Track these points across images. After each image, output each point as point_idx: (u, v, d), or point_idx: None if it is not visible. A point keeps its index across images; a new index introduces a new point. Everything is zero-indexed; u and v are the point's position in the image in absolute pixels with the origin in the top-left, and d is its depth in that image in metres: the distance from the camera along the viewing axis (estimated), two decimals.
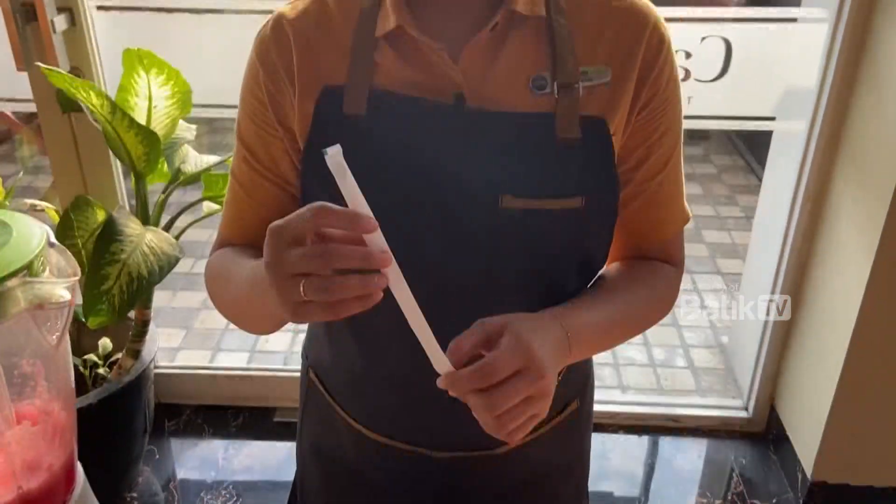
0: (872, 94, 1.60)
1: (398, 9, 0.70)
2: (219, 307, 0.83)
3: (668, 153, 0.77)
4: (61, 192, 1.86)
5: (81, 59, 1.69)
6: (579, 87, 0.71)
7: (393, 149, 0.71)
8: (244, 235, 0.82)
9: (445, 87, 0.71)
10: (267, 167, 0.78)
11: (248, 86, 0.76)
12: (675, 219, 0.82)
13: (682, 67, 1.71)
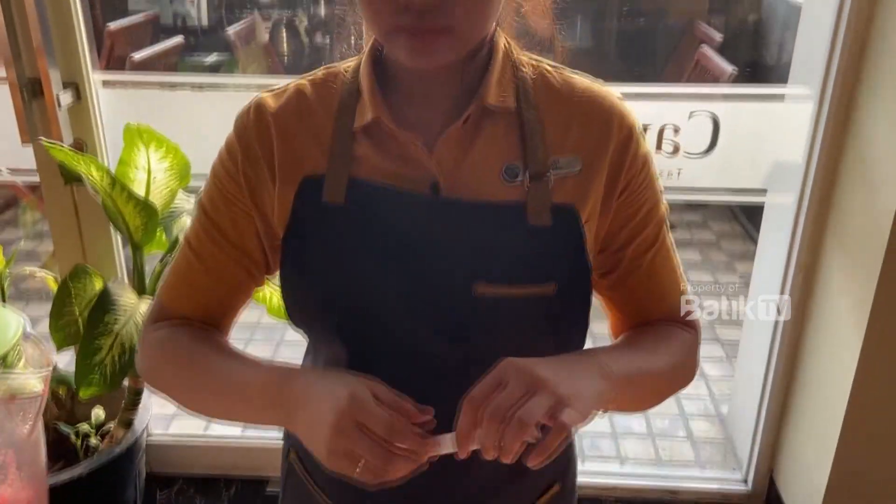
0: (857, 169, 1.62)
1: (375, 102, 0.72)
2: (159, 382, 0.81)
3: (656, 229, 0.79)
4: (61, 260, 1.89)
5: (85, 132, 1.73)
6: (550, 177, 0.73)
7: (372, 237, 0.73)
8: (192, 307, 0.81)
9: (421, 177, 0.73)
10: (232, 244, 0.78)
11: (225, 165, 0.77)
12: (673, 291, 0.83)
13: (671, 141, 1.75)
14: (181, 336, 0.79)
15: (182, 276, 0.81)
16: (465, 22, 0.65)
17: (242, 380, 0.73)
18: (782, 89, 1.83)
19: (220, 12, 3.86)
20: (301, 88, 0.77)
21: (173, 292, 0.82)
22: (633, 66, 3.92)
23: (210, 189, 0.79)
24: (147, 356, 0.82)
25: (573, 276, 0.75)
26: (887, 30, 1.51)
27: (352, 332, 0.75)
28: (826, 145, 1.67)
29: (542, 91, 0.75)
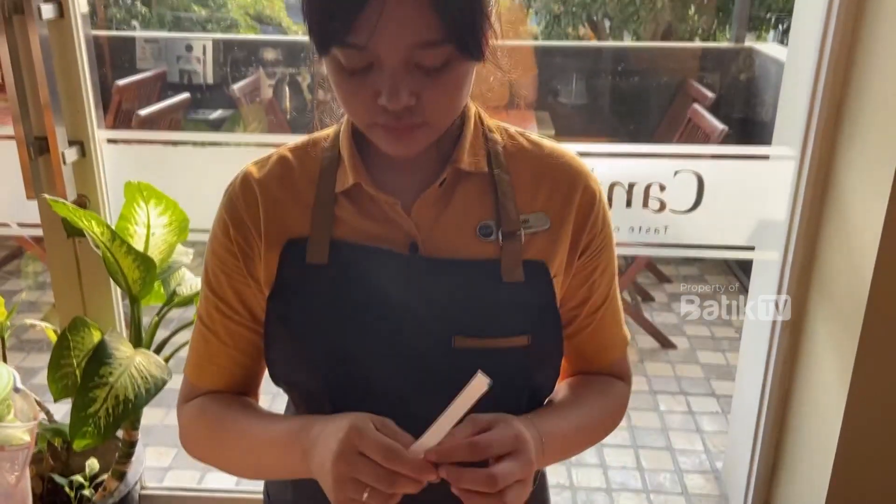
0: (838, 227, 1.67)
1: (355, 168, 0.77)
2: (200, 451, 0.85)
3: (608, 289, 0.85)
4: (61, 312, 1.92)
5: (89, 187, 1.79)
6: (521, 234, 0.78)
7: (354, 294, 0.77)
8: (217, 380, 0.85)
9: (400, 237, 0.77)
10: (240, 313, 0.82)
11: (219, 240, 0.82)
12: (618, 343, 0.89)
13: (657, 199, 1.80)
14: (212, 405, 0.84)
15: (202, 352, 0.86)
16: (439, 116, 0.71)
17: (268, 433, 0.77)
18: (766, 150, 1.88)
19: (225, 70, 3.98)
20: (284, 156, 0.82)
21: (197, 370, 0.86)
22: (628, 124, 4.01)
23: (210, 265, 0.84)
24: (186, 431, 0.86)
25: (545, 328, 0.79)
26: (863, 92, 1.57)
27: (335, 386, 0.79)
28: (808, 204, 1.72)
29: (511, 154, 0.81)
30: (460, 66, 0.69)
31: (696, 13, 7.13)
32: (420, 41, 0.65)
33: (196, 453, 0.86)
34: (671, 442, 2.61)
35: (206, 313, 0.84)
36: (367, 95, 0.68)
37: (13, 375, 0.71)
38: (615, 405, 0.88)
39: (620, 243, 1.87)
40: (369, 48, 0.65)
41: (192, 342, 0.87)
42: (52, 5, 1.63)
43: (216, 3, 7.90)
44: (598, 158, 1.80)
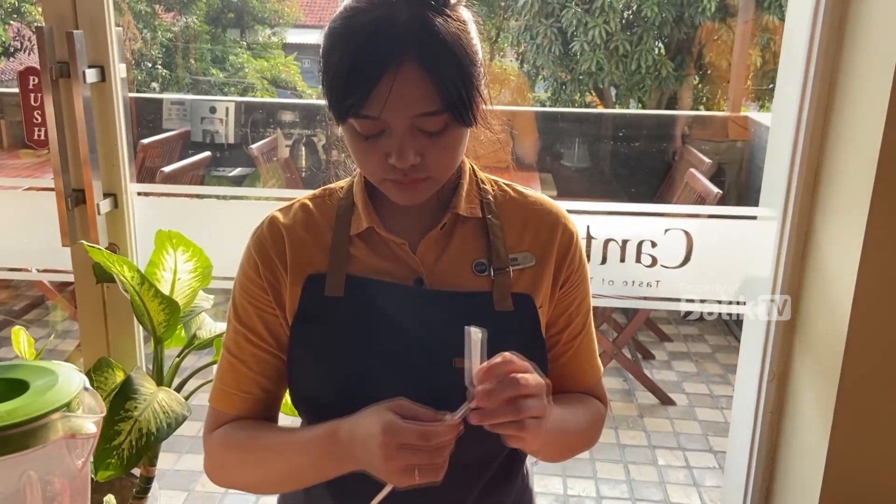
0: (817, 285, 1.77)
1: (368, 213, 0.91)
2: (228, 475, 0.94)
3: (584, 319, 0.98)
4: (86, 352, 2.03)
5: (119, 236, 1.92)
6: (510, 271, 0.91)
7: (368, 322, 0.89)
8: (242, 405, 0.95)
9: (407, 273, 0.90)
10: (267, 341, 0.94)
11: (249, 276, 0.94)
12: (593, 371, 1.01)
13: (649, 255, 1.92)
14: (236, 430, 0.94)
15: (229, 381, 0.95)
16: (440, 170, 0.86)
17: (298, 443, 0.87)
18: (753, 210, 2.01)
19: (245, 130, 4.18)
20: (305, 203, 0.96)
21: (225, 397, 0.96)
22: (628, 186, 4.16)
23: (239, 299, 0.95)
24: (212, 458, 0.95)
25: (532, 351, 0.91)
26: (837, 158, 1.70)
27: (349, 402, 0.89)
28: (790, 261, 1.83)
29: (501, 202, 0.95)
30: (456, 129, 0.83)
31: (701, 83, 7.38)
32: (423, 111, 0.79)
33: (222, 479, 0.95)
34: (669, 496, 2.67)
35: (234, 344, 0.95)
36: (379, 156, 0.82)
37: (83, 378, 0.82)
38: (596, 417, 0.99)
39: (615, 296, 1.98)
40: (381, 118, 0.79)
41: (219, 372, 0.97)
42: (95, 70, 1.79)
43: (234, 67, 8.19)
44: (594, 216, 1.93)
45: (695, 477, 2.79)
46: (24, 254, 2.09)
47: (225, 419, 0.96)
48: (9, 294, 4.10)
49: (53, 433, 0.74)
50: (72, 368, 0.83)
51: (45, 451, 0.72)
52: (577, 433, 0.95)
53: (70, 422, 0.75)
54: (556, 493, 2.64)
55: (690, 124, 4.27)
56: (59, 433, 0.74)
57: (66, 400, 0.76)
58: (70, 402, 0.77)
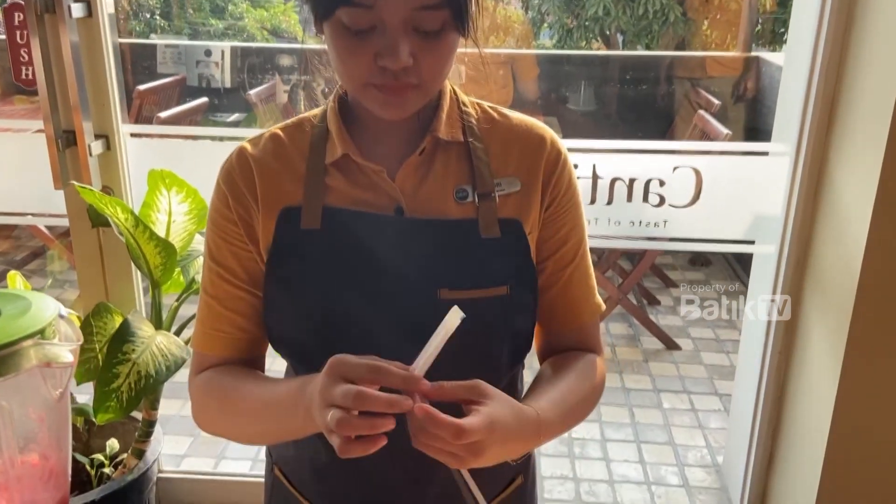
0: (830, 221, 1.73)
1: (343, 140, 0.86)
2: (210, 423, 0.90)
3: (575, 248, 0.92)
4: (85, 299, 2.01)
5: (112, 179, 1.88)
6: (495, 196, 0.86)
7: (346, 255, 0.85)
8: (225, 346, 0.90)
9: (386, 202, 0.86)
10: (241, 278, 0.89)
11: (219, 210, 0.88)
12: (588, 308, 0.95)
13: (657, 194, 1.86)
14: (219, 377, 0.89)
15: (208, 321, 0.91)
16: (432, 78, 0.79)
17: (271, 397, 0.82)
18: (764, 146, 1.95)
19: (242, 76, 4.08)
20: (275, 133, 0.90)
21: (205, 339, 0.92)
22: (635, 130, 4.08)
23: (211, 236, 0.90)
24: (196, 404, 0.92)
25: (523, 278, 0.88)
26: (855, 91, 1.64)
27: (329, 341, 0.85)
28: (802, 199, 1.78)
29: (484, 125, 0.89)
30: (452, 34, 0.77)
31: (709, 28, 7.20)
32: (423, 4, 0.73)
33: (206, 425, 0.91)
34: (673, 437, 2.66)
35: (209, 283, 0.90)
36: (367, 57, 0.76)
37: (59, 305, 0.79)
38: (596, 382, 0.93)
39: (621, 237, 1.94)
40: (375, 8, 0.73)
41: (198, 314, 0.92)
42: (81, 4, 1.72)
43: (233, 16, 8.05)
44: (600, 155, 1.87)
45: (700, 420, 2.78)
46: (19, 199, 2.05)
47: (208, 362, 0.92)
48: (10, 244, 4.08)
49: (26, 361, 0.70)
50: (46, 297, 0.79)
51: (17, 380, 0.69)
52: (577, 412, 0.90)
53: (44, 350, 0.71)
54: (560, 437, 2.63)
55: (699, 65, 4.16)
56: (32, 361, 0.70)
57: (40, 327, 0.73)
58: (44, 329, 0.73)
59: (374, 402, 0.67)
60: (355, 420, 0.67)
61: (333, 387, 0.68)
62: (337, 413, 0.67)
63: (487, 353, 0.88)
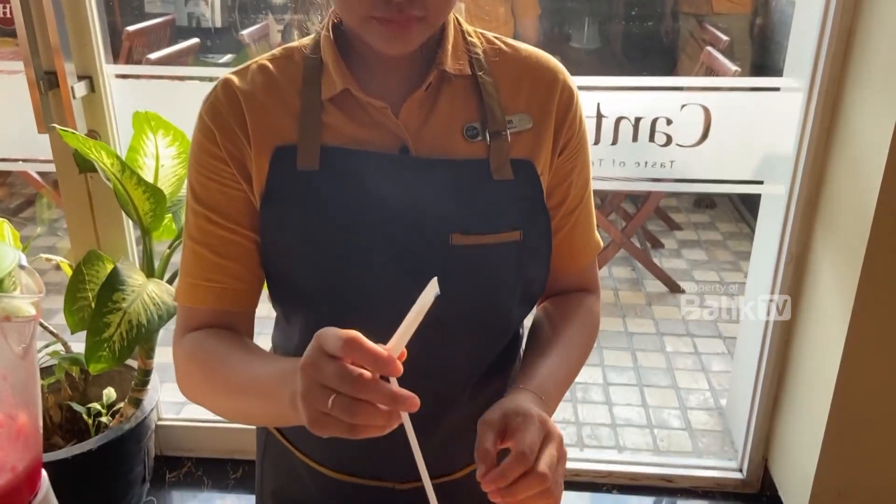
0: (845, 159, 1.66)
1: (342, 73, 0.78)
2: (193, 392, 0.82)
3: (583, 189, 0.87)
4: (75, 247, 1.96)
5: (98, 122, 1.81)
6: (507, 134, 0.80)
7: (348, 198, 0.79)
8: (213, 298, 0.82)
9: (390, 141, 0.79)
10: (233, 220, 0.81)
11: (204, 148, 0.80)
12: (590, 247, 0.91)
13: (663, 133, 1.79)
14: (207, 344, 0.81)
15: (194, 272, 0.82)
16: (437, 10, 0.72)
17: (261, 373, 0.74)
18: (776, 81, 1.87)
19: (233, 15, 3.95)
20: (264, 65, 0.81)
21: (190, 290, 0.83)
22: (640, 68, 3.97)
23: (196, 177, 0.81)
24: (180, 370, 0.84)
25: (536, 222, 0.82)
26: (872, 23, 1.55)
27: (331, 290, 0.81)
28: (815, 136, 1.71)
29: (492, 57, 0.82)
30: None
31: None
32: None
33: (189, 393, 0.83)
34: (676, 381, 2.65)
35: (196, 229, 0.81)
36: None
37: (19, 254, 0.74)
38: (591, 327, 0.91)
39: (626, 178, 1.88)
40: None
41: (183, 265, 0.84)
42: None
43: None
44: (605, 92, 1.80)
45: (703, 363, 2.76)
46: (6, 143, 1.98)
47: (197, 317, 0.84)
48: (4, 192, 4.02)
49: None
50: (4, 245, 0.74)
51: None
52: (576, 368, 0.88)
53: (2, 303, 0.66)
54: None
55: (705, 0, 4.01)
56: None
57: None
58: (1, 281, 0.68)
59: (374, 393, 0.58)
60: (365, 408, 0.59)
61: (321, 361, 0.60)
62: (341, 400, 0.58)
63: (498, 303, 0.84)
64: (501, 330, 0.87)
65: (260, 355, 0.80)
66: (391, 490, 0.91)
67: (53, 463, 1.67)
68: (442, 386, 0.84)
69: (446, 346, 0.81)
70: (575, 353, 0.88)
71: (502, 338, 0.88)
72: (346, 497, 0.92)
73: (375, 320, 0.79)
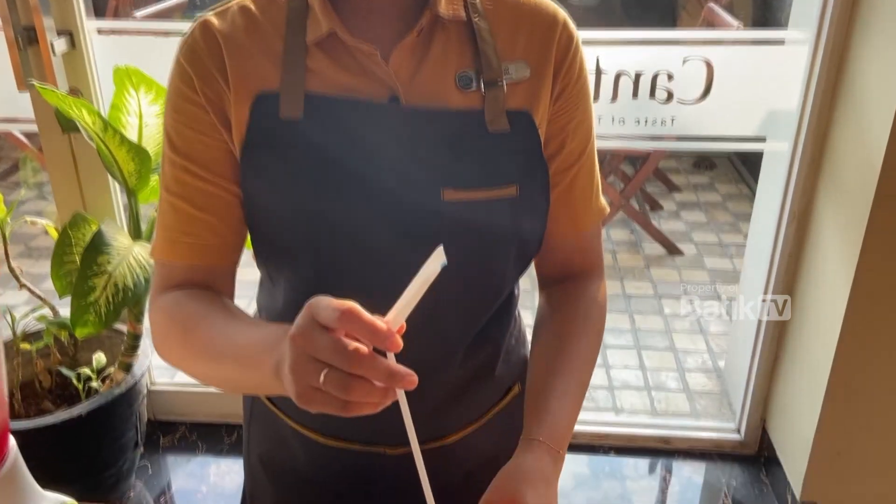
0: (850, 116, 1.61)
1: (328, 15, 0.73)
2: (170, 354, 0.78)
3: (582, 146, 0.82)
4: (61, 211, 1.92)
5: (80, 80, 1.75)
6: (503, 84, 0.75)
7: (334, 149, 0.74)
8: (192, 252, 0.78)
9: (379, 88, 0.74)
10: (212, 171, 0.76)
11: (182, 94, 0.75)
12: (592, 211, 0.85)
13: (665, 89, 1.74)
14: (186, 304, 0.77)
15: (171, 225, 0.78)
16: None
17: (244, 338, 0.69)
18: (781, 34, 1.81)
19: None
20: (245, 6, 0.76)
21: (167, 245, 0.79)
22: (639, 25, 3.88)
23: (173, 125, 0.76)
24: (157, 331, 0.79)
25: (533, 177, 0.77)
26: None
27: (315, 249, 0.76)
28: (820, 91, 1.66)
29: (488, 3, 0.77)
30: None
31: None
32: None
33: (165, 355, 0.79)
34: (674, 343, 2.63)
35: (173, 181, 0.77)
36: None
37: None
38: (597, 328, 0.86)
39: (626, 136, 1.83)
40: None
41: (160, 219, 0.80)
42: None
43: None
44: (604, 47, 1.74)
45: (701, 325, 2.74)
46: None
47: (175, 274, 0.79)
48: None
49: None
50: None
51: None
52: (585, 386, 0.83)
53: None
54: None
55: None
56: None
57: None
58: None
59: (370, 368, 0.53)
60: (360, 384, 0.54)
61: (314, 332, 0.55)
62: (335, 375, 0.53)
63: (492, 262, 0.80)
64: (494, 291, 0.83)
65: (242, 319, 0.75)
66: (382, 455, 0.88)
67: (43, 428, 1.65)
68: (432, 349, 0.81)
69: (436, 307, 0.77)
70: (585, 374, 0.84)
71: (495, 299, 0.84)
72: (335, 462, 0.90)
73: (362, 281, 0.76)
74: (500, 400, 0.91)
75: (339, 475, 0.91)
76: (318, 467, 0.91)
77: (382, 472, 0.89)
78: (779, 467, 1.92)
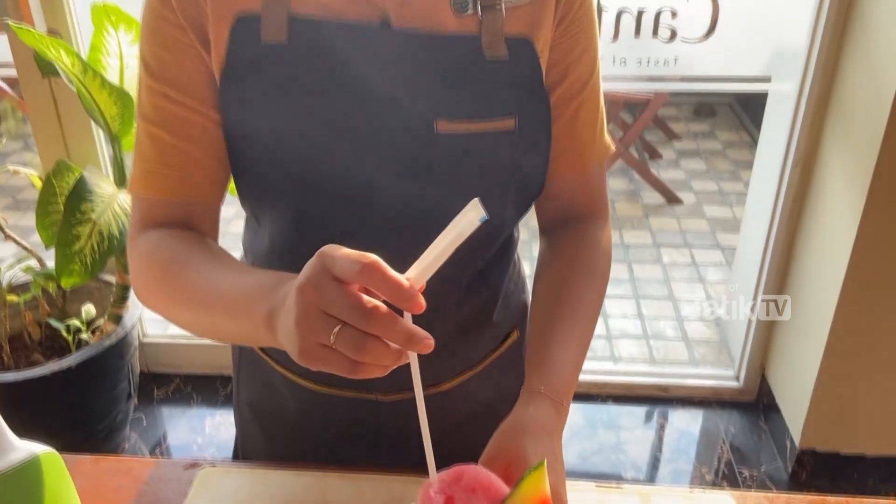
0: (859, 56, 1.55)
1: None
2: (149, 298, 0.73)
3: (586, 77, 0.76)
4: (44, 159, 1.86)
5: (59, 21, 1.68)
6: (502, 7, 0.69)
7: (320, 75, 0.69)
8: (172, 185, 0.72)
9: (368, 10, 0.68)
10: (192, 96, 0.71)
11: (159, 14, 0.69)
12: (596, 148, 0.80)
13: (668, 27, 1.68)
14: (167, 245, 0.72)
15: (150, 157, 0.72)
16: None
17: (232, 284, 0.65)
18: None
19: None
20: None
21: (147, 179, 0.73)
22: None
23: (150, 48, 0.70)
24: (136, 274, 0.74)
25: (533, 109, 0.72)
26: None
27: (299, 184, 0.72)
28: (829, 29, 1.60)
29: None
30: None
31: None
32: None
33: (145, 300, 0.74)
34: (673, 292, 2.60)
35: (151, 108, 0.71)
36: None
37: None
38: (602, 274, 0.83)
39: (627, 77, 1.77)
40: None
41: (137, 150, 0.74)
42: None
43: None
44: None
45: (700, 273, 2.71)
46: None
47: (152, 212, 0.74)
48: None
49: None
50: None
51: None
52: (588, 334, 0.79)
53: None
54: None
55: None
56: None
57: None
58: None
59: (389, 328, 0.49)
60: (376, 345, 0.49)
61: (327, 285, 0.50)
62: (349, 333, 0.49)
63: (489, 201, 0.74)
64: (492, 232, 0.79)
65: (228, 264, 0.70)
66: (375, 401, 0.85)
67: (33, 380, 1.62)
68: (427, 292, 0.77)
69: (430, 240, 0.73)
70: (590, 322, 0.79)
71: (493, 240, 0.80)
72: (327, 408, 0.87)
73: (347, 221, 0.71)
74: (498, 346, 0.88)
75: (330, 422, 0.88)
76: (309, 414, 0.88)
77: (375, 419, 0.86)
78: (778, 414, 1.91)
